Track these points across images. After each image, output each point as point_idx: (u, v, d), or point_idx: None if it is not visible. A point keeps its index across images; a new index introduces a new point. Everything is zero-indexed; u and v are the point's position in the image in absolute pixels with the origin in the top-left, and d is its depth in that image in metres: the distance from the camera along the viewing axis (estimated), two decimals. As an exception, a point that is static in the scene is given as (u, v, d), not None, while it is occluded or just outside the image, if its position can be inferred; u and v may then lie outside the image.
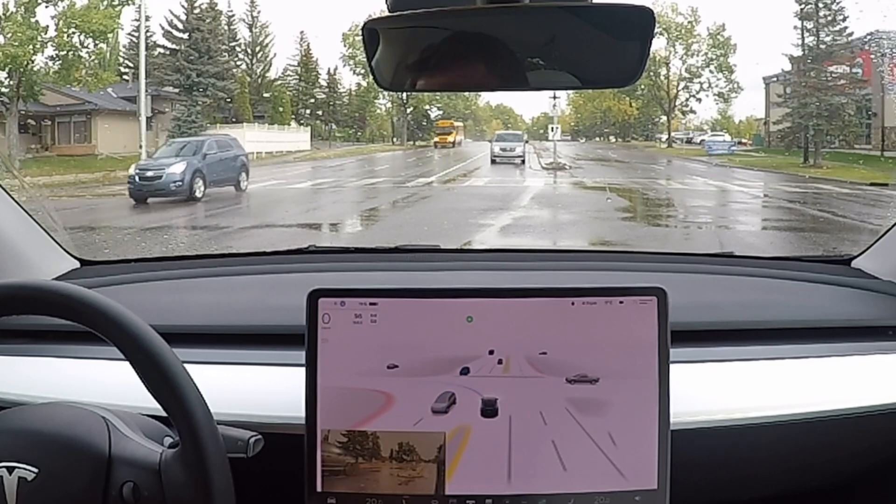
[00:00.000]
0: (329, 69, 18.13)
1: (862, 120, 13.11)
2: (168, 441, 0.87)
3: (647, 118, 19.39)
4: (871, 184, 10.44)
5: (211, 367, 1.07)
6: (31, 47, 11.70)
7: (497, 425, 0.95)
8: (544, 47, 0.98)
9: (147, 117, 12.77)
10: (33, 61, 11.95)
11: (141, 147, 11.88)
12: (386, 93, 15.89)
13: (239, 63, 16.83)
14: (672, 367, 0.96)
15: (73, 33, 11.98)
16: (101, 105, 13.64)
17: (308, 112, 17.90)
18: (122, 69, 15.31)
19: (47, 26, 11.83)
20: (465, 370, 0.95)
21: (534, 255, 1.49)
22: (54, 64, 12.21)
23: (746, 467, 1.08)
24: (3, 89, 12.06)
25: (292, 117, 17.41)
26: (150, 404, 0.82)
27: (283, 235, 7.91)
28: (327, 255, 1.48)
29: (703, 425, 1.03)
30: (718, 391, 1.08)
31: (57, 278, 1.32)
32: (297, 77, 17.68)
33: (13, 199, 1.30)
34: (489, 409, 0.95)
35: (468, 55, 1.00)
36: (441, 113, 18.82)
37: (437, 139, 19.13)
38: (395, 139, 19.06)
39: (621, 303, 0.96)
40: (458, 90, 1.27)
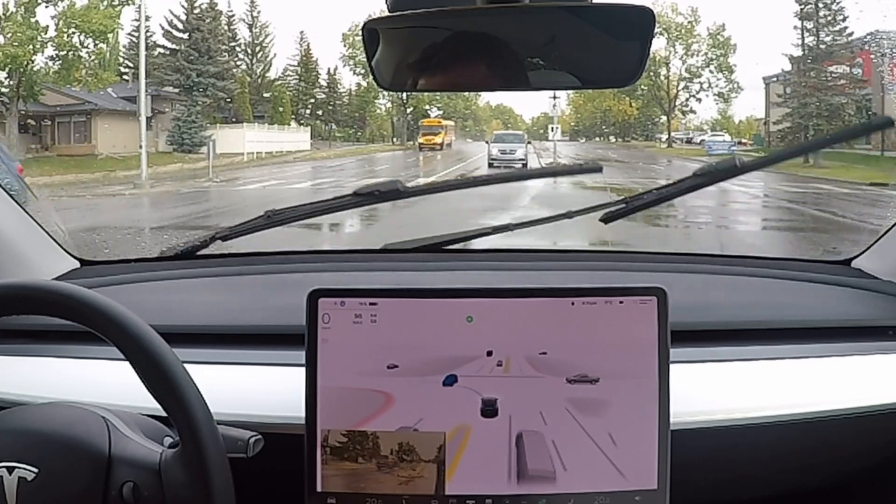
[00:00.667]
0: (329, 69, 18.17)
1: (862, 120, 13.11)
2: (168, 441, 0.87)
3: (647, 118, 19.40)
4: (871, 184, 10.44)
5: (211, 367, 1.06)
6: (31, 47, 11.71)
7: (497, 425, 0.95)
8: (544, 47, 0.98)
9: (147, 117, 12.76)
10: (33, 61, 11.98)
11: (141, 147, 11.86)
12: (386, 93, 15.84)
13: (239, 63, 16.85)
14: (672, 367, 0.96)
15: (73, 33, 11.99)
16: (101, 105, 13.65)
17: (308, 112, 17.92)
18: (122, 69, 15.35)
19: (47, 26, 11.86)
20: (465, 370, 0.95)
21: (534, 255, 1.49)
22: (54, 64, 12.24)
23: (746, 467, 1.08)
24: (3, 89, 12.07)
25: (292, 117, 17.42)
26: (150, 404, 0.82)
27: (283, 235, 7.90)
28: (327, 255, 1.48)
29: (703, 425, 1.03)
30: (718, 391, 1.08)
31: (57, 278, 1.32)
32: (297, 77, 17.69)
33: (13, 199, 1.30)
34: (489, 409, 0.95)
35: (468, 55, 1.00)
36: (441, 112, 18.38)
37: (421, 140, 16.31)
38: (395, 139, 19.03)
39: (621, 303, 0.96)
40: (458, 90, 1.27)
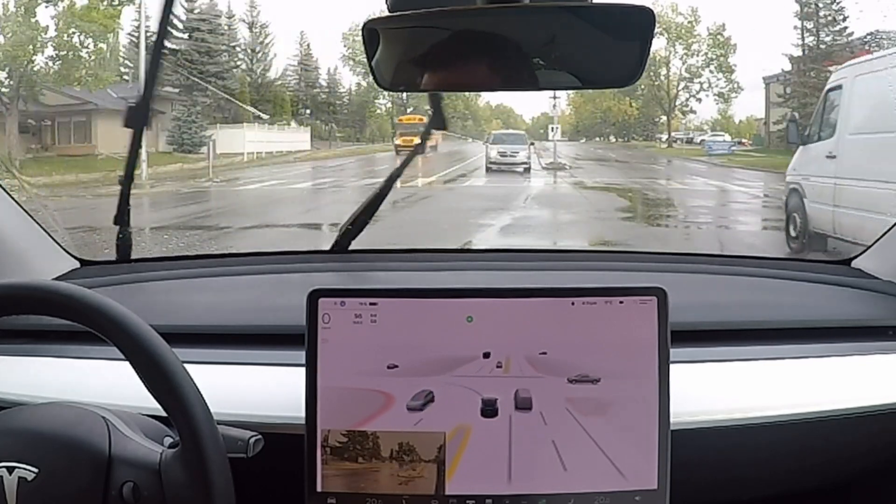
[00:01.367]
0: (329, 69, 18.16)
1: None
2: (168, 441, 0.87)
3: (647, 118, 19.41)
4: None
5: (211, 367, 1.06)
6: (31, 47, 11.71)
7: (497, 425, 0.95)
8: (544, 47, 0.98)
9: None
10: (33, 61, 11.97)
11: (141, 147, 11.83)
12: (386, 93, 15.84)
13: (239, 63, 16.85)
14: (672, 367, 0.95)
15: (73, 33, 11.99)
16: (101, 105, 13.62)
17: (308, 112, 17.91)
18: (122, 69, 15.33)
19: (47, 26, 11.86)
20: (465, 370, 0.95)
21: (534, 255, 1.49)
22: (54, 64, 12.23)
23: (746, 467, 1.08)
24: (4, 89, 12.06)
25: (292, 117, 17.42)
26: (150, 404, 0.81)
27: (283, 235, 7.90)
28: (327, 255, 1.48)
29: (703, 425, 1.03)
30: (718, 391, 1.07)
31: (57, 278, 1.32)
32: (297, 77, 17.69)
33: (13, 199, 1.30)
34: (489, 409, 0.95)
35: (468, 55, 1.00)
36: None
37: (398, 141, 13.62)
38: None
39: (621, 303, 0.96)
40: (458, 90, 1.27)
